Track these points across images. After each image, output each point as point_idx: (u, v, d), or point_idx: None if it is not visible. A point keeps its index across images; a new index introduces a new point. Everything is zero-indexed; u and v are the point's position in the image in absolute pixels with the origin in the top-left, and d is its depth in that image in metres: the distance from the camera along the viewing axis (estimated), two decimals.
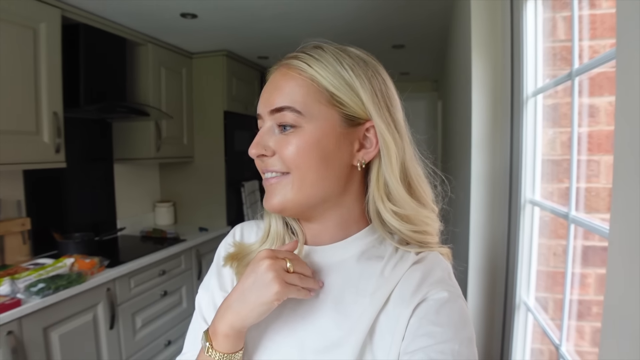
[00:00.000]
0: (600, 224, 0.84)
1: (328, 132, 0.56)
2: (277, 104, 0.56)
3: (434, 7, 2.28)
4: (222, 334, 0.55)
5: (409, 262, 0.58)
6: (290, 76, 0.57)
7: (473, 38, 1.45)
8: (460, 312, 0.54)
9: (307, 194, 0.57)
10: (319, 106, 0.56)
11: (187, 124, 3.14)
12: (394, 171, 0.57)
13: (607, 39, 0.99)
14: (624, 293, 0.55)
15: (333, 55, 0.57)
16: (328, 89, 0.56)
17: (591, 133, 1.05)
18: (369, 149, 0.59)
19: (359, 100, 0.56)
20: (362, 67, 0.57)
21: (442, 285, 0.55)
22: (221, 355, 0.55)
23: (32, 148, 1.92)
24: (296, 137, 0.55)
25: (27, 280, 1.70)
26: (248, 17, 2.41)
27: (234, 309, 0.54)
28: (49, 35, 1.96)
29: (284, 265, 0.54)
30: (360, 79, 0.56)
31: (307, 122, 0.55)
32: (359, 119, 0.57)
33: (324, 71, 0.56)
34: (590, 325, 1.10)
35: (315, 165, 0.56)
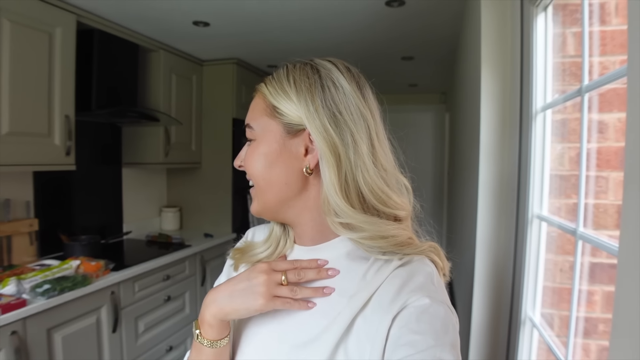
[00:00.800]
0: (608, 241, 0.84)
1: (271, 141, 0.61)
2: (246, 122, 0.65)
3: (444, 20, 2.30)
4: (206, 323, 0.61)
5: (392, 266, 0.58)
6: (256, 97, 0.65)
7: (483, 52, 1.46)
8: (443, 318, 0.53)
9: (265, 199, 0.64)
10: (264, 119, 0.62)
11: (196, 130, 3.17)
12: (331, 177, 0.57)
13: (617, 55, 0.99)
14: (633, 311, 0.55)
15: (284, 71, 0.63)
16: (272, 103, 0.61)
17: (600, 149, 1.04)
18: (312, 153, 0.60)
19: (295, 108, 0.59)
20: (307, 77, 0.60)
21: (422, 292, 0.54)
22: (209, 342, 0.61)
23: (43, 150, 1.94)
24: (251, 149, 0.64)
25: (33, 281, 1.72)
26: (259, 27, 2.43)
27: (220, 303, 0.60)
28: (64, 40, 2.00)
29: (278, 279, 0.60)
30: (299, 89, 0.59)
31: (258, 135, 0.63)
32: (297, 126, 0.60)
33: (272, 87, 0.62)
34: (596, 343, 1.08)
35: (261, 172, 0.62)
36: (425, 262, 0.60)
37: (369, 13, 2.19)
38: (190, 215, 3.34)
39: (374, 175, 0.59)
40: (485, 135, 1.49)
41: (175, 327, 2.55)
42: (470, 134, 1.90)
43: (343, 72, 0.61)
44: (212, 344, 0.61)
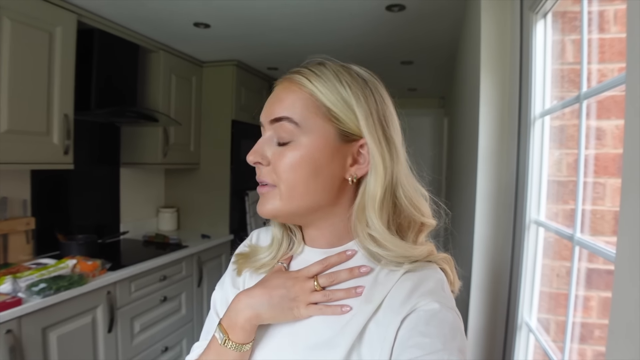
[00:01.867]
0: (605, 247, 0.84)
1: (322, 146, 0.58)
2: (277, 114, 0.59)
3: (444, 25, 2.31)
4: (239, 327, 0.59)
5: (402, 270, 0.59)
6: (291, 89, 0.60)
7: (482, 57, 1.47)
8: (451, 324, 0.54)
9: (295, 205, 0.60)
10: (315, 119, 0.58)
11: (195, 131, 3.17)
12: (376, 189, 0.59)
13: (615, 62, 1.00)
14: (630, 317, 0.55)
15: (333, 72, 0.60)
16: (325, 104, 0.58)
17: (598, 155, 1.05)
18: (361, 164, 0.60)
19: (354, 117, 0.58)
20: (360, 86, 0.60)
21: (433, 296, 0.55)
22: (236, 346, 0.59)
23: (42, 148, 1.94)
24: (292, 150, 0.58)
25: (28, 280, 1.71)
26: (259, 29, 2.44)
27: (257, 309, 0.59)
28: (64, 39, 2.00)
29: (311, 286, 0.60)
30: (356, 97, 0.58)
31: (304, 135, 0.58)
32: (353, 135, 0.59)
33: (323, 87, 0.58)
34: (592, 348, 1.09)
35: (305, 179, 0.58)
36: (436, 269, 0.61)
37: (370, 17, 2.20)
38: (187, 216, 3.34)
39: (410, 187, 0.62)
40: (483, 140, 1.49)
41: (171, 328, 2.54)
42: (468, 138, 1.91)
43: (382, 85, 0.63)
44: (239, 347, 0.60)
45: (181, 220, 3.35)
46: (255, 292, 0.60)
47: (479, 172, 1.50)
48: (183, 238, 2.89)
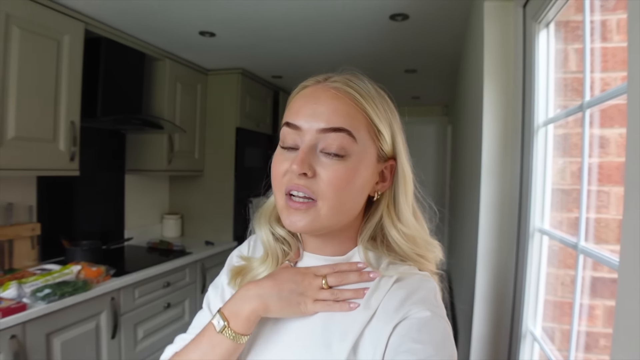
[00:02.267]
0: (609, 255, 0.84)
1: (369, 164, 0.59)
2: (337, 124, 0.56)
3: (447, 34, 2.32)
4: (244, 316, 0.59)
5: (393, 278, 0.60)
6: (345, 101, 0.57)
7: (485, 66, 1.47)
8: (442, 332, 0.54)
9: (335, 221, 0.59)
10: (366, 138, 0.58)
11: (200, 138, 3.19)
12: (407, 202, 0.63)
13: (618, 71, 1.00)
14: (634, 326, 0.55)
15: (375, 92, 0.61)
16: (378, 126, 0.59)
17: (601, 164, 1.05)
18: (384, 182, 0.63)
19: (392, 138, 0.61)
20: (390, 105, 0.63)
21: (425, 305, 0.56)
22: (234, 335, 0.58)
23: (48, 155, 1.96)
24: (345, 165, 0.56)
25: (33, 285, 1.72)
26: (264, 38, 2.46)
27: (266, 300, 0.59)
28: (72, 47, 2.03)
29: (319, 283, 0.60)
30: (394, 117, 0.62)
31: (357, 152, 0.57)
32: (386, 155, 0.62)
33: (375, 108, 0.59)
34: (597, 357, 1.08)
35: (353, 196, 0.59)
36: (429, 278, 0.63)
37: (374, 27, 2.22)
38: (191, 222, 3.35)
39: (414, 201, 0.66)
40: (487, 148, 1.50)
41: (174, 334, 2.49)
42: (472, 146, 1.91)
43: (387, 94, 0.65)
44: (237, 337, 0.58)
45: (185, 227, 3.36)
46: (266, 283, 0.60)
47: (483, 180, 1.50)
48: (187, 245, 2.90)
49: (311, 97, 0.58)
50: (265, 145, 3.69)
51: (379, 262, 0.63)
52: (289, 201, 0.57)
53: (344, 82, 0.58)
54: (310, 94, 0.59)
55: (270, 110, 3.75)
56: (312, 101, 0.57)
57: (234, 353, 0.60)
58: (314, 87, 0.59)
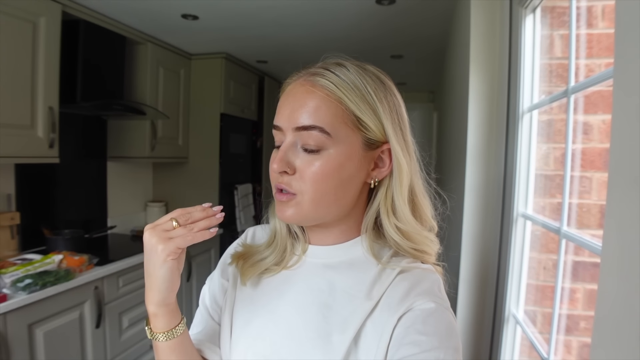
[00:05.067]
0: (591, 240, 0.85)
1: (352, 155, 0.57)
2: (306, 122, 0.56)
3: (434, 19, 2.31)
4: (151, 315, 0.58)
5: (397, 270, 0.60)
6: (318, 95, 0.56)
7: (472, 52, 1.47)
8: (447, 323, 0.54)
9: (322, 214, 0.59)
10: (345, 129, 0.57)
11: (183, 124, 3.14)
12: (402, 192, 0.60)
13: (603, 58, 1.01)
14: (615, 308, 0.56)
15: (357, 76, 0.58)
16: (355, 112, 0.57)
17: (584, 150, 1.06)
18: (382, 168, 0.61)
19: (380, 125, 0.58)
20: (382, 90, 0.59)
21: (429, 297, 0.56)
22: (162, 335, 0.58)
23: (26, 142, 1.90)
24: (321, 159, 0.56)
25: (13, 275, 1.68)
26: (249, 21, 2.42)
27: (147, 287, 0.57)
28: (49, 30, 1.96)
29: (169, 226, 0.56)
30: (382, 104, 0.58)
31: (334, 145, 0.56)
32: (377, 142, 0.59)
33: (351, 94, 0.56)
34: (577, 339, 1.11)
35: (334, 188, 0.57)
36: (432, 270, 0.62)
37: (360, 11, 2.19)
38: None
39: (422, 187, 0.63)
40: (472, 134, 1.50)
41: None
42: (457, 133, 1.92)
43: (393, 83, 0.62)
44: (167, 335, 0.58)
45: None
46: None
47: (468, 166, 1.51)
48: None
49: (290, 95, 0.59)
50: (250, 131, 3.66)
51: (382, 254, 0.62)
52: (277, 194, 0.60)
53: (321, 74, 0.58)
54: (289, 91, 0.60)
55: (256, 95, 3.70)
56: (290, 100, 0.58)
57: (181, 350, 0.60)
58: (293, 84, 0.60)
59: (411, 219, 0.60)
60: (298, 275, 0.65)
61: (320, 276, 0.63)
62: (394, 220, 0.60)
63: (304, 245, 0.66)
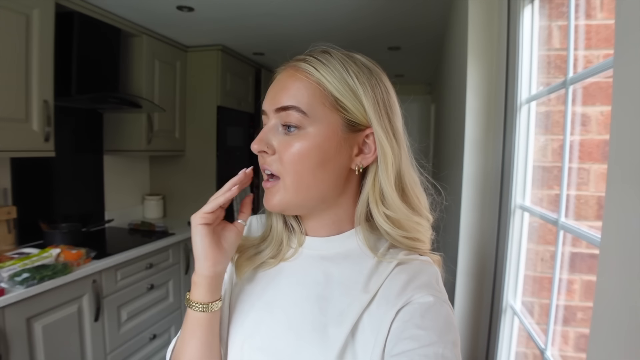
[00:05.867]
0: (588, 231, 0.86)
1: (330, 135, 0.58)
2: (284, 103, 0.58)
3: (432, 11, 2.30)
4: (192, 282, 0.62)
5: (394, 262, 0.59)
6: (297, 77, 0.58)
7: (469, 43, 1.46)
8: (446, 317, 0.54)
9: (302, 197, 0.59)
10: (323, 109, 0.57)
11: (180, 117, 3.12)
12: (389, 177, 0.59)
13: (601, 49, 1.00)
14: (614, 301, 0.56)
15: (340, 61, 0.59)
16: (333, 93, 0.57)
17: (582, 141, 1.06)
18: (367, 154, 0.60)
19: (361, 107, 0.58)
20: (366, 75, 0.59)
21: (427, 290, 0.55)
22: (196, 306, 0.60)
23: (21, 136, 1.89)
24: (299, 139, 0.57)
25: (11, 270, 1.68)
26: (245, 13, 2.39)
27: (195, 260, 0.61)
28: (42, 22, 1.93)
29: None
30: (363, 87, 0.58)
31: (311, 124, 0.57)
32: (359, 125, 0.59)
33: (330, 76, 0.57)
34: (574, 330, 1.12)
35: (312, 169, 0.58)
36: (430, 263, 0.62)
37: (357, 1, 2.17)
38: (173, 203, 3.31)
39: (413, 175, 0.62)
40: (470, 126, 1.50)
41: (158, 316, 2.53)
42: (455, 124, 1.91)
43: (384, 74, 0.63)
44: (200, 306, 0.60)
45: (167, 208, 3.32)
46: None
47: (465, 157, 1.51)
48: (169, 225, 2.87)
49: (275, 81, 0.61)
50: (247, 124, 3.64)
51: (379, 246, 0.62)
52: (264, 183, 0.62)
53: (302, 59, 0.60)
54: (276, 79, 0.62)
55: (252, 88, 3.68)
56: (274, 85, 0.61)
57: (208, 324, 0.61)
58: (281, 72, 0.62)
59: (400, 204, 0.59)
60: (294, 267, 0.65)
61: (317, 268, 0.63)
62: (382, 209, 0.60)
63: (300, 237, 0.66)
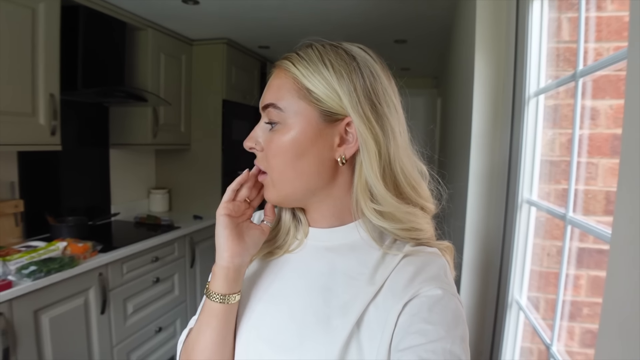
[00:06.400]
0: (597, 226, 0.85)
1: (305, 128, 0.58)
2: (265, 101, 0.60)
3: (439, 3, 2.27)
4: (213, 272, 0.62)
5: (401, 254, 0.58)
6: (278, 75, 0.61)
7: (477, 36, 1.44)
8: (454, 311, 0.53)
9: (288, 190, 0.61)
10: (298, 103, 0.58)
11: (185, 111, 3.12)
12: (373, 166, 0.57)
13: (612, 41, 0.98)
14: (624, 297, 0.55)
15: (318, 52, 0.59)
16: (306, 86, 0.57)
17: (591, 135, 1.05)
18: (350, 144, 0.59)
19: (336, 95, 0.57)
20: (345, 63, 0.58)
21: (436, 282, 0.54)
22: (214, 296, 0.60)
23: (28, 130, 1.90)
24: (278, 135, 0.59)
25: (18, 263, 1.69)
26: (250, 6, 2.38)
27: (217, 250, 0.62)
28: (48, 15, 1.93)
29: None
30: (338, 75, 0.57)
31: (288, 119, 0.58)
32: (337, 115, 0.58)
33: (305, 69, 0.58)
34: (580, 326, 1.11)
35: (291, 163, 0.58)
36: (438, 255, 0.61)
37: None
38: (179, 197, 3.32)
39: (409, 165, 0.60)
40: (477, 119, 1.49)
41: (164, 309, 2.55)
42: (462, 118, 1.90)
43: (376, 60, 0.61)
44: (217, 297, 0.60)
45: (173, 202, 3.33)
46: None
47: (472, 151, 1.50)
48: (175, 219, 2.88)
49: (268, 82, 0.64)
50: (252, 117, 3.63)
51: (384, 238, 0.61)
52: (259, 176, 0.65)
53: (285, 56, 0.61)
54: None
55: (258, 81, 3.67)
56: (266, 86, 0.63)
57: (224, 316, 0.61)
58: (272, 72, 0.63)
59: (386, 195, 0.57)
60: (300, 258, 0.65)
61: (322, 259, 0.63)
62: (370, 205, 0.58)
63: (305, 228, 0.66)
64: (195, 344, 0.62)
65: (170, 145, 3.03)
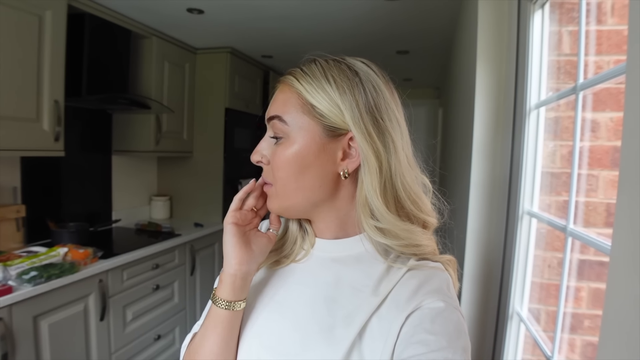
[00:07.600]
0: (597, 238, 0.85)
1: (309, 142, 0.59)
2: (270, 114, 0.62)
3: (441, 14, 2.29)
4: (220, 279, 0.63)
5: (405, 268, 0.59)
6: (282, 90, 0.62)
7: (479, 47, 1.46)
8: (456, 323, 0.54)
9: (291, 202, 0.62)
10: (302, 117, 0.59)
11: (188, 119, 3.14)
12: (372, 182, 0.58)
13: (612, 55, 0.99)
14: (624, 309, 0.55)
15: (321, 68, 0.60)
16: (310, 101, 0.58)
17: (592, 148, 1.05)
18: (352, 158, 0.60)
19: (338, 111, 0.58)
20: (347, 78, 0.58)
21: (438, 295, 0.55)
22: (220, 302, 0.61)
23: (32, 135, 1.91)
24: (282, 148, 0.60)
25: (19, 268, 1.69)
26: (254, 16, 2.41)
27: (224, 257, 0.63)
28: (54, 23, 1.96)
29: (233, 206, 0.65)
30: (341, 90, 0.58)
31: (292, 133, 0.59)
32: (340, 130, 0.59)
33: (308, 85, 0.59)
34: (581, 338, 1.10)
35: (294, 176, 0.59)
36: (442, 269, 0.61)
37: (367, 6, 2.17)
38: (180, 204, 3.32)
39: (410, 181, 0.61)
40: (478, 130, 1.49)
41: (163, 316, 2.54)
42: (463, 129, 1.90)
43: (379, 75, 0.61)
44: (224, 304, 0.61)
45: (174, 209, 3.33)
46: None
47: (473, 162, 1.50)
48: (176, 226, 2.88)
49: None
50: (254, 126, 3.65)
51: (389, 252, 0.62)
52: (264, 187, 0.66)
53: (289, 72, 0.62)
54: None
55: (260, 90, 3.69)
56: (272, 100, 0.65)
57: (229, 322, 0.62)
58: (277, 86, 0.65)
59: (386, 212, 0.58)
60: (306, 268, 0.66)
61: (327, 269, 0.63)
62: (371, 222, 0.59)
63: (312, 239, 0.67)
64: (199, 349, 0.63)
65: (173, 152, 3.04)
